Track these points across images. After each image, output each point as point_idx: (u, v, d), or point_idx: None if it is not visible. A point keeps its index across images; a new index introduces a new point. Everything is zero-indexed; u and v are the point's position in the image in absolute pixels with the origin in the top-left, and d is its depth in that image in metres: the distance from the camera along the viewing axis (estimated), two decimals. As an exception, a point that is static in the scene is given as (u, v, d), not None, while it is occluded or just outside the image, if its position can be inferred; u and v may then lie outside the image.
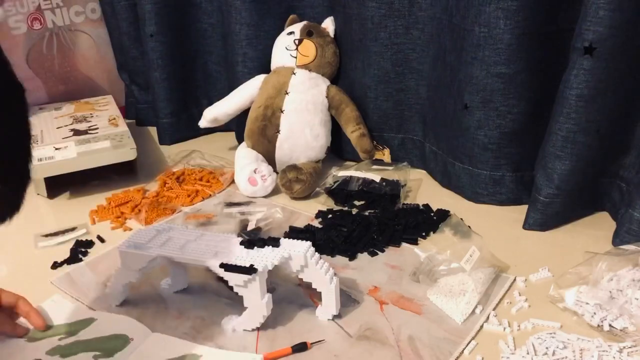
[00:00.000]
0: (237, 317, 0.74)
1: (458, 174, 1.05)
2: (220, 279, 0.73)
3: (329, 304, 0.74)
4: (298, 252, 0.72)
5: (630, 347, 0.68)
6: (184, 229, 0.80)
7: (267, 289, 0.72)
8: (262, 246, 0.74)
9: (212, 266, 0.72)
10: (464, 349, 0.70)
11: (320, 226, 0.97)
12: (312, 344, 0.71)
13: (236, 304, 0.74)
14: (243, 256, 0.72)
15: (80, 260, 0.90)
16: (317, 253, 0.74)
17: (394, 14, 1.05)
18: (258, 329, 0.74)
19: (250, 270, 0.69)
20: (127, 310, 0.78)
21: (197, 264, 0.73)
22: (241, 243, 0.75)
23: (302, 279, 0.74)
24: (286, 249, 0.73)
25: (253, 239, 0.76)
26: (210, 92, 1.37)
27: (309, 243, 0.74)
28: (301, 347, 0.70)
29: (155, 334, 0.74)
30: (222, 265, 0.71)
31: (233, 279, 0.70)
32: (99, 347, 0.71)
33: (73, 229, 0.98)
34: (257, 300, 0.71)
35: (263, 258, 0.72)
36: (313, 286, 0.74)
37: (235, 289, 0.71)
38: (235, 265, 0.70)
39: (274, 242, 0.74)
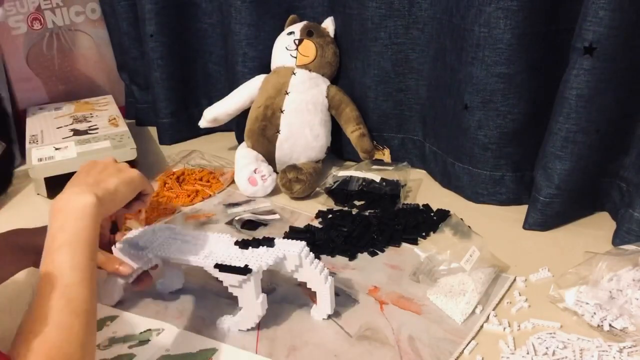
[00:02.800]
0: (232, 317, 0.74)
1: (458, 174, 1.05)
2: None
3: (323, 304, 0.74)
4: (292, 252, 0.72)
5: (630, 347, 0.68)
6: (181, 230, 0.80)
7: (267, 289, 0.72)
8: (257, 246, 0.74)
9: (206, 267, 0.72)
10: (464, 349, 0.70)
11: (320, 226, 0.97)
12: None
13: (236, 303, 0.74)
14: (237, 256, 0.72)
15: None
16: (311, 253, 0.74)
17: (394, 14, 1.05)
18: (258, 328, 0.74)
19: (244, 270, 0.69)
20: (127, 311, 0.78)
21: (191, 264, 0.73)
22: (236, 243, 0.75)
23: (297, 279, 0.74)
24: (281, 249, 0.73)
25: (247, 239, 0.76)
26: (210, 92, 1.36)
27: (303, 243, 0.74)
28: None
29: (173, 328, 0.74)
30: (216, 266, 0.71)
31: (227, 279, 0.70)
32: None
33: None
34: (251, 301, 0.71)
35: (257, 258, 0.71)
36: (308, 286, 0.74)
37: (230, 290, 0.71)
38: (230, 266, 0.70)
39: (269, 242, 0.74)
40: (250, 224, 0.98)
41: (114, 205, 0.68)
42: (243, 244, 0.74)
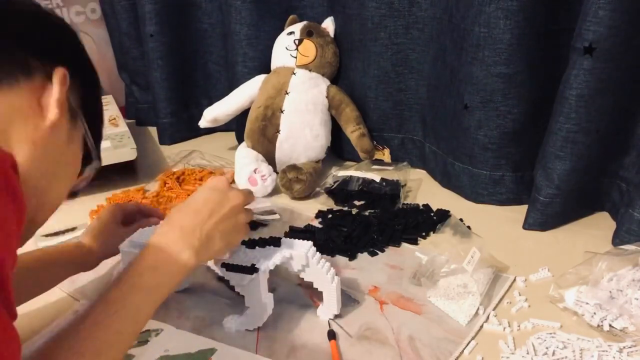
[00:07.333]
0: (238, 317, 0.74)
1: (458, 174, 1.05)
2: (221, 279, 0.73)
3: (330, 304, 0.74)
4: (299, 251, 0.72)
5: (630, 347, 0.68)
6: None
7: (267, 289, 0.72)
8: (263, 246, 0.74)
9: (213, 266, 0.72)
10: (464, 349, 0.70)
11: (320, 226, 0.97)
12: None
13: (236, 303, 0.74)
14: (244, 256, 0.72)
15: (80, 260, 0.90)
16: (318, 253, 0.74)
17: (394, 14, 1.05)
18: (258, 328, 0.74)
19: (252, 270, 0.69)
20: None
21: None
22: (242, 242, 0.75)
23: (302, 278, 0.74)
24: (287, 248, 0.73)
25: (254, 238, 0.76)
26: (210, 92, 1.37)
27: (310, 243, 0.74)
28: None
29: (172, 328, 0.74)
30: (224, 265, 0.71)
31: (235, 278, 0.70)
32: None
33: (73, 229, 0.99)
34: (258, 300, 0.71)
35: (264, 258, 0.72)
36: (314, 286, 0.74)
37: (237, 289, 0.71)
38: (237, 265, 0.70)
39: (275, 242, 0.74)
40: (250, 224, 0.98)
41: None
42: (250, 244, 0.74)
